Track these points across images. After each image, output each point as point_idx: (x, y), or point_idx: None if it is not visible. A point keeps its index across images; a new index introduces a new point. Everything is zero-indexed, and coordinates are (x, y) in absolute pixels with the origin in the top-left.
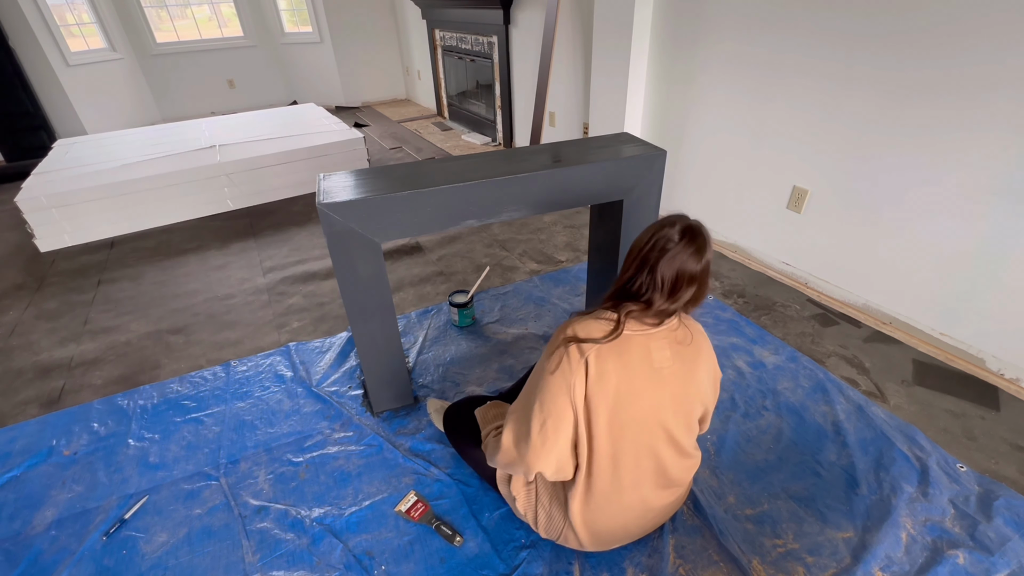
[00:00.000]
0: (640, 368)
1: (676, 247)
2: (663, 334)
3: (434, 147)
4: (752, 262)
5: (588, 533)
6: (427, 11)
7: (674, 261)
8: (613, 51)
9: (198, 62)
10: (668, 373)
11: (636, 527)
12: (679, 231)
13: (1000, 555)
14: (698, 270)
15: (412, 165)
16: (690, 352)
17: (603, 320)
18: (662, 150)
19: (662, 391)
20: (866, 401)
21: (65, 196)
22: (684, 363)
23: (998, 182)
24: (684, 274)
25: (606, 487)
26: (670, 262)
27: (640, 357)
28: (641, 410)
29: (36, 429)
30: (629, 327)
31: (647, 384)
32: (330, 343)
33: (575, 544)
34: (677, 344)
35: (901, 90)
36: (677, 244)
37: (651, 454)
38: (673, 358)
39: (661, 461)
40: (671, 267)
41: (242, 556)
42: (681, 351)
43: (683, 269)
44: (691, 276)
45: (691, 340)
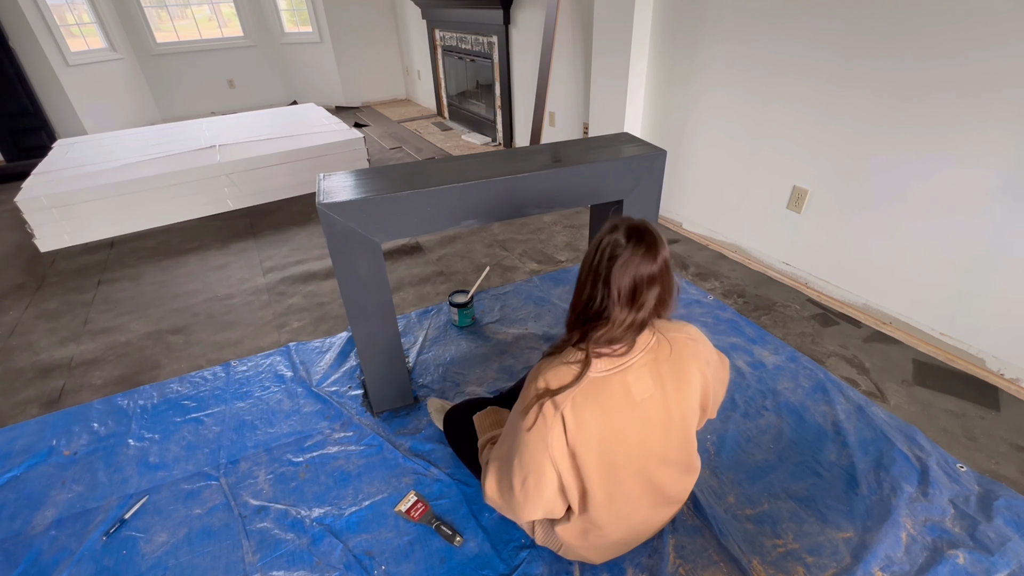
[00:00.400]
0: (621, 408)
1: (625, 251)
2: (640, 362)
3: (434, 147)
4: (752, 262)
5: (586, 553)
6: (427, 11)
7: (627, 267)
8: (613, 51)
9: (198, 62)
10: (653, 402)
11: (636, 541)
12: (624, 234)
13: (1000, 555)
14: (655, 271)
15: (412, 165)
16: (673, 367)
17: (572, 364)
18: (662, 150)
19: (649, 423)
20: (866, 401)
21: (65, 196)
22: (669, 383)
23: (998, 182)
24: (641, 278)
25: (602, 519)
26: (623, 269)
27: (619, 396)
28: (629, 447)
29: (36, 429)
30: (601, 367)
31: (631, 421)
32: (330, 343)
33: (575, 557)
34: (657, 364)
35: (901, 90)
36: (626, 248)
37: (647, 482)
38: (655, 383)
39: (658, 485)
40: (625, 274)
41: (242, 556)
42: (664, 371)
43: (638, 273)
44: (649, 278)
45: (670, 352)
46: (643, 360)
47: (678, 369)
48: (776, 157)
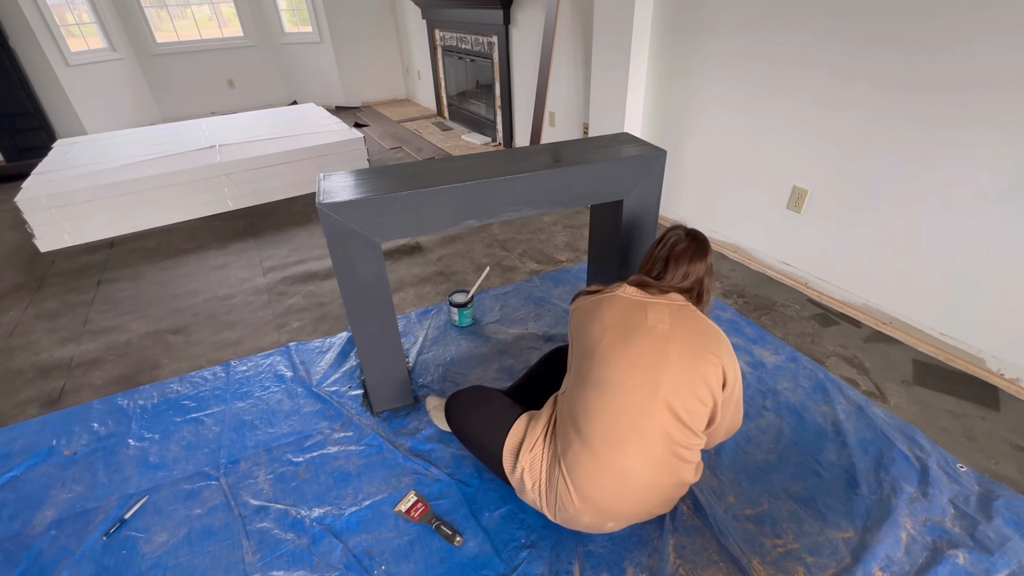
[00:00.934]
0: (633, 317)
1: (683, 244)
2: (663, 303)
3: (434, 147)
4: (752, 262)
5: (580, 497)
6: (427, 11)
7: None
8: (613, 51)
9: (198, 62)
10: (664, 334)
11: (632, 500)
12: (686, 234)
13: (1000, 555)
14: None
15: (412, 165)
16: (695, 325)
17: (602, 287)
18: (662, 150)
19: (651, 344)
20: (866, 401)
21: (65, 196)
22: (687, 332)
23: (999, 181)
24: (687, 262)
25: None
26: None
27: (633, 309)
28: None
29: (36, 429)
30: (628, 291)
31: (642, 336)
32: (330, 343)
33: (574, 512)
34: (679, 314)
35: (901, 90)
36: (685, 240)
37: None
38: (672, 324)
39: (661, 425)
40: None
41: (242, 556)
42: (683, 322)
43: (688, 262)
44: (697, 267)
45: (695, 322)
46: (667, 303)
47: (700, 331)
48: (776, 157)
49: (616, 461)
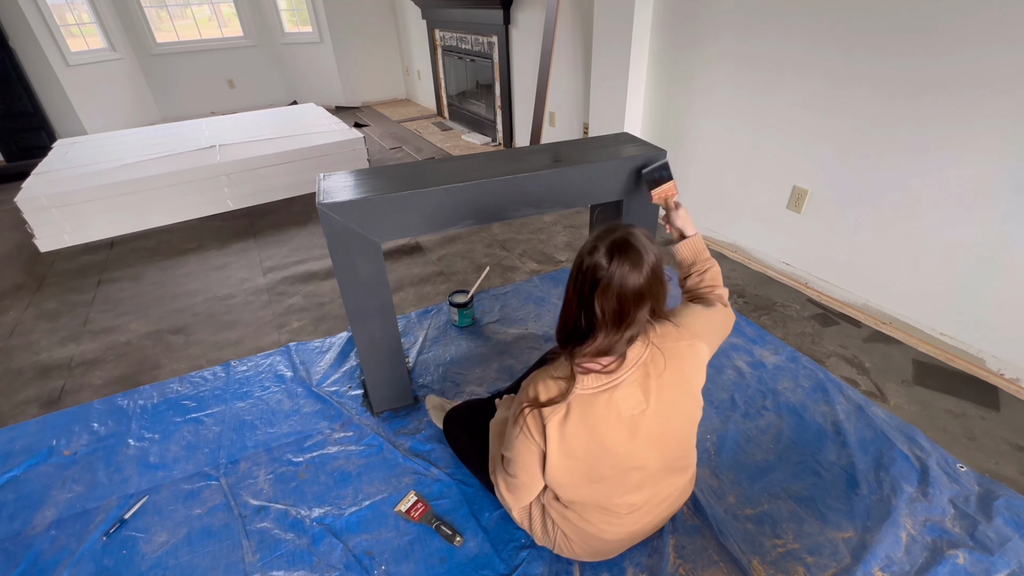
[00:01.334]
0: (607, 425)
1: (607, 273)
2: (630, 379)
3: (434, 147)
4: (752, 262)
5: (582, 550)
6: (427, 11)
7: (609, 290)
8: (613, 51)
9: (198, 62)
10: (645, 416)
11: (633, 540)
12: (606, 253)
13: (1000, 555)
14: (641, 284)
15: (412, 165)
16: (669, 378)
17: (558, 380)
18: (662, 150)
19: (638, 437)
20: (866, 401)
21: (65, 196)
22: (666, 394)
23: (999, 181)
24: (627, 297)
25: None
26: (605, 292)
27: (605, 414)
28: (618, 459)
29: (36, 429)
30: (589, 383)
31: (619, 438)
32: (330, 343)
33: (570, 554)
34: (649, 379)
35: (901, 90)
36: (608, 269)
37: (638, 489)
38: (646, 398)
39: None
40: (609, 298)
41: (242, 556)
42: (657, 384)
43: (624, 292)
44: (636, 295)
45: (665, 366)
46: (634, 376)
47: (677, 378)
48: (776, 157)
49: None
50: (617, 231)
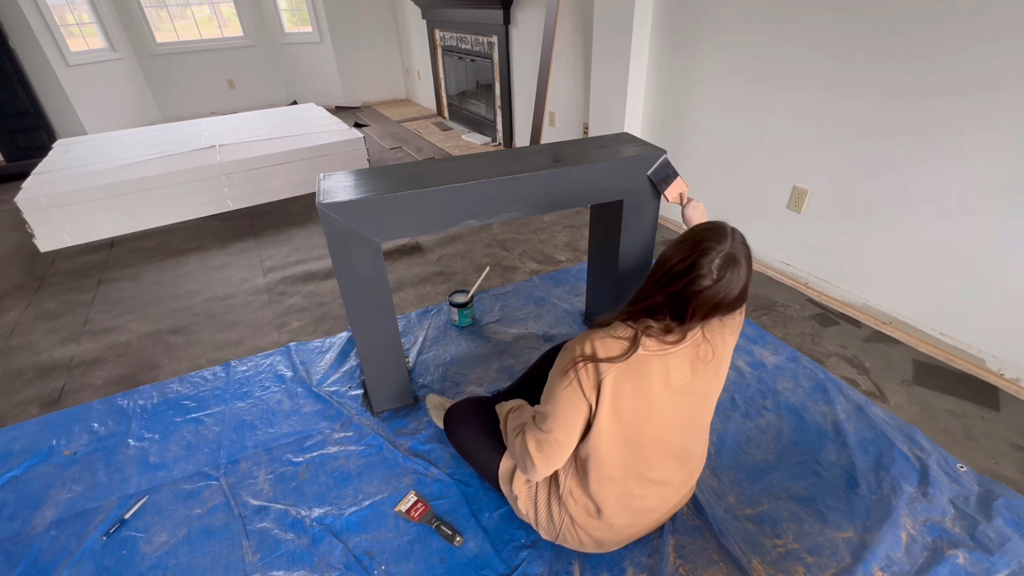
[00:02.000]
0: (657, 389)
1: (714, 284)
2: (684, 351)
3: (434, 147)
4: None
5: (588, 539)
6: (427, 11)
7: (709, 298)
8: (613, 51)
9: (198, 62)
10: (686, 390)
11: (638, 529)
12: (720, 263)
13: (1000, 555)
14: (736, 297)
15: (412, 165)
16: (711, 368)
17: (619, 339)
18: (662, 150)
19: (678, 409)
20: (866, 401)
21: (65, 196)
22: (703, 379)
23: (999, 181)
24: (719, 306)
25: (611, 497)
26: (704, 299)
27: (658, 378)
28: (657, 430)
29: (36, 429)
30: (647, 347)
31: (664, 405)
32: (330, 343)
33: (575, 544)
34: (698, 361)
35: (901, 89)
36: (716, 280)
37: (660, 466)
38: (693, 375)
39: (668, 472)
40: (705, 303)
41: (242, 556)
42: (701, 368)
43: (718, 303)
44: (727, 306)
45: (712, 357)
46: (686, 351)
47: (715, 370)
48: (776, 157)
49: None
50: (725, 240)
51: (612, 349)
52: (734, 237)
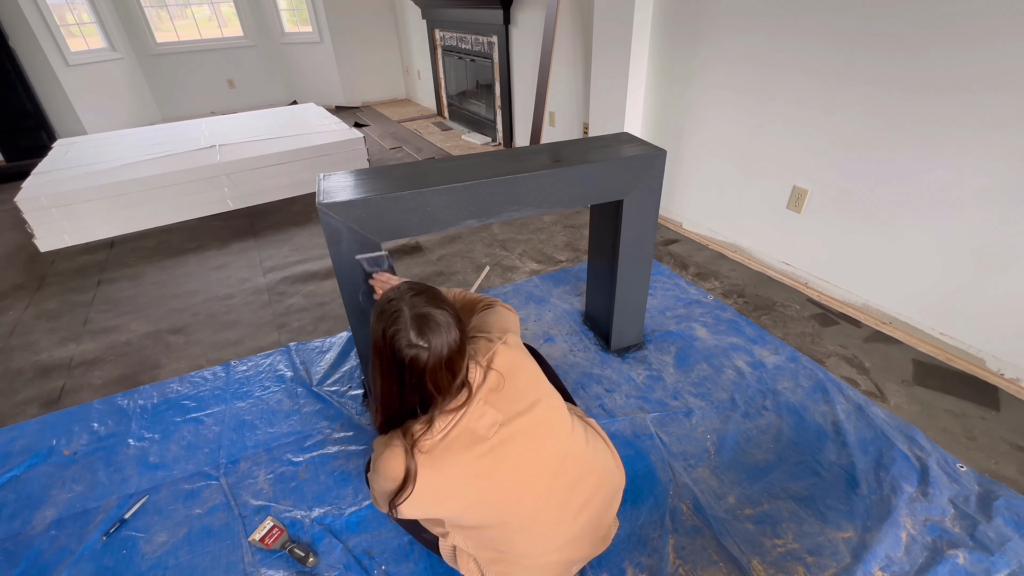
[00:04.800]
0: (474, 454)
1: (429, 352)
2: (475, 407)
3: (434, 147)
4: (752, 262)
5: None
6: (427, 11)
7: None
8: (613, 51)
9: (198, 62)
10: (509, 426)
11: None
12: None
13: (1000, 555)
14: (457, 339)
15: (412, 165)
16: (512, 391)
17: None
18: (662, 150)
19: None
20: (866, 401)
21: (65, 196)
22: (514, 406)
23: (999, 181)
24: (452, 359)
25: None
26: (434, 372)
27: (466, 447)
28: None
29: (36, 429)
30: (436, 428)
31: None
32: (330, 343)
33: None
34: (495, 395)
35: (901, 89)
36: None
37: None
38: (501, 411)
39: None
40: (439, 371)
41: (242, 556)
42: (502, 400)
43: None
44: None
45: (502, 384)
46: (480, 400)
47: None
48: (776, 157)
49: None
50: (403, 309)
51: (397, 472)
52: (408, 301)
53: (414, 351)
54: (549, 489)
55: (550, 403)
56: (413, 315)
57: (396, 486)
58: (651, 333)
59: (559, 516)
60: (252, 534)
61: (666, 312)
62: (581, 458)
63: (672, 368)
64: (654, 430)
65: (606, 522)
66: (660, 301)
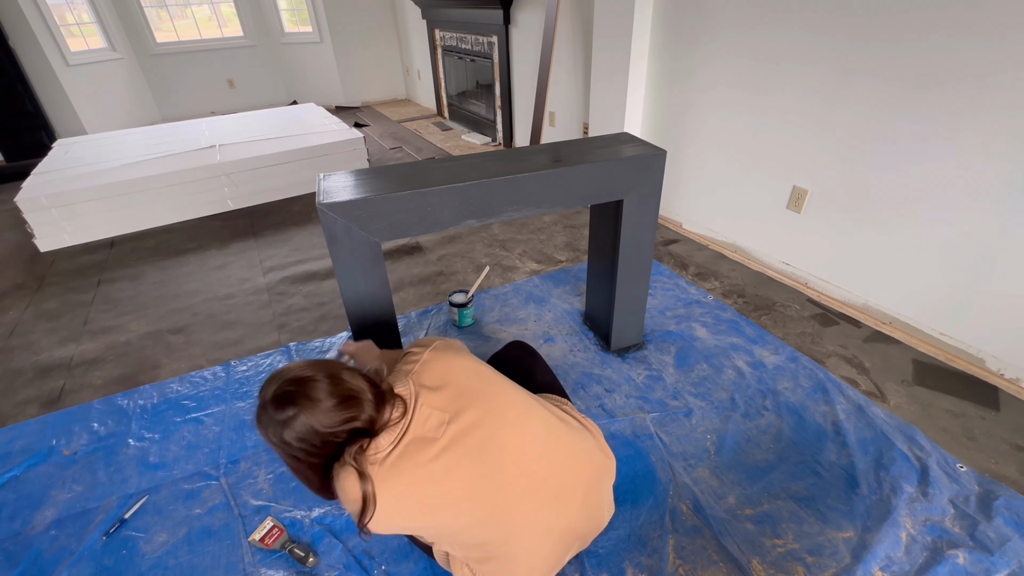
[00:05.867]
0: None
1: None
2: (419, 412)
3: (434, 147)
4: (752, 262)
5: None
6: (427, 11)
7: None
8: (613, 51)
9: (198, 62)
10: (456, 430)
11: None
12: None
13: (1000, 555)
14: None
15: (412, 165)
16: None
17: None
18: (662, 150)
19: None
20: (866, 401)
21: (65, 196)
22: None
23: (1000, 180)
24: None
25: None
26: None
27: (420, 451)
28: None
29: (36, 429)
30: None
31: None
32: (330, 343)
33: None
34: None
35: (901, 91)
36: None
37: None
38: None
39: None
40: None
41: (242, 556)
42: (443, 399)
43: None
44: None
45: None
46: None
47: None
48: (776, 157)
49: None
50: (263, 406)
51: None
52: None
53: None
54: (518, 478)
55: (500, 391)
56: (268, 403)
57: (359, 507)
58: (651, 333)
59: (539, 503)
60: (252, 534)
61: (666, 312)
62: (551, 444)
63: (672, 368)
64: (654, 430)
65: (593, 505)
66: (660, 301)
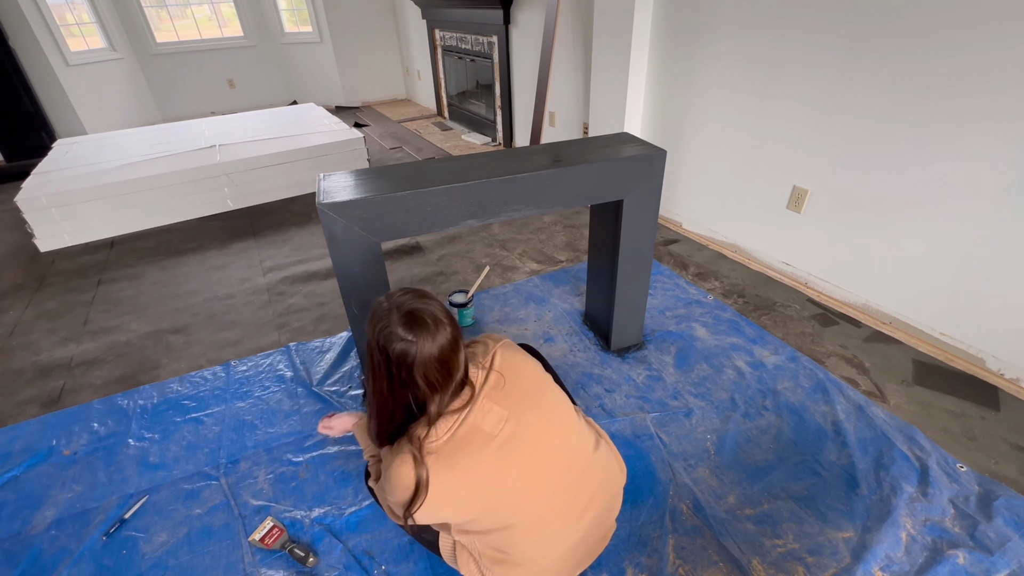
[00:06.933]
0: (484, 453)
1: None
2: (480, 404)
3: (434, 147)
4: (752, 262)
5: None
6: (427, 11)
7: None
8: (613, 51)
9: (198, 62)
10: (515, 422)
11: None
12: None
13: (1000, 555)
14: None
15: (412, 165)
16: (515, 389)
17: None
18: (662, 150)
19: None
20: (866, 401)
21: (65, 196)
22: (519, 403)
23: (999, 181)
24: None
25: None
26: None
27: (475, 445)
28: (515, 479)
29: (36, 429)
30: (442, 430)
31: (505, 455)
32: (330, 343)
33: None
34: (499, 393)
35: (900, 91)
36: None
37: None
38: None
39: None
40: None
41: (242, 556)
42: (507, 397)
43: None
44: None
45: (504, 383)
46: (484, 398)
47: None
48: (776, 157)
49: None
50: (392, 308)
51: (407, 482)
52: (397, 300)
53: (402, 345)
54: (557, 488)
55: (556, 401)
56: (401, 312)
57: (410, 494)
58: (651, 333)
59: (566, 517)
60: (252, 534)
61: (666, 312)
62: (588, 458)
63: (672, 368)
64: (654, 430)
65: (606, 524)
66: (660, 301)
